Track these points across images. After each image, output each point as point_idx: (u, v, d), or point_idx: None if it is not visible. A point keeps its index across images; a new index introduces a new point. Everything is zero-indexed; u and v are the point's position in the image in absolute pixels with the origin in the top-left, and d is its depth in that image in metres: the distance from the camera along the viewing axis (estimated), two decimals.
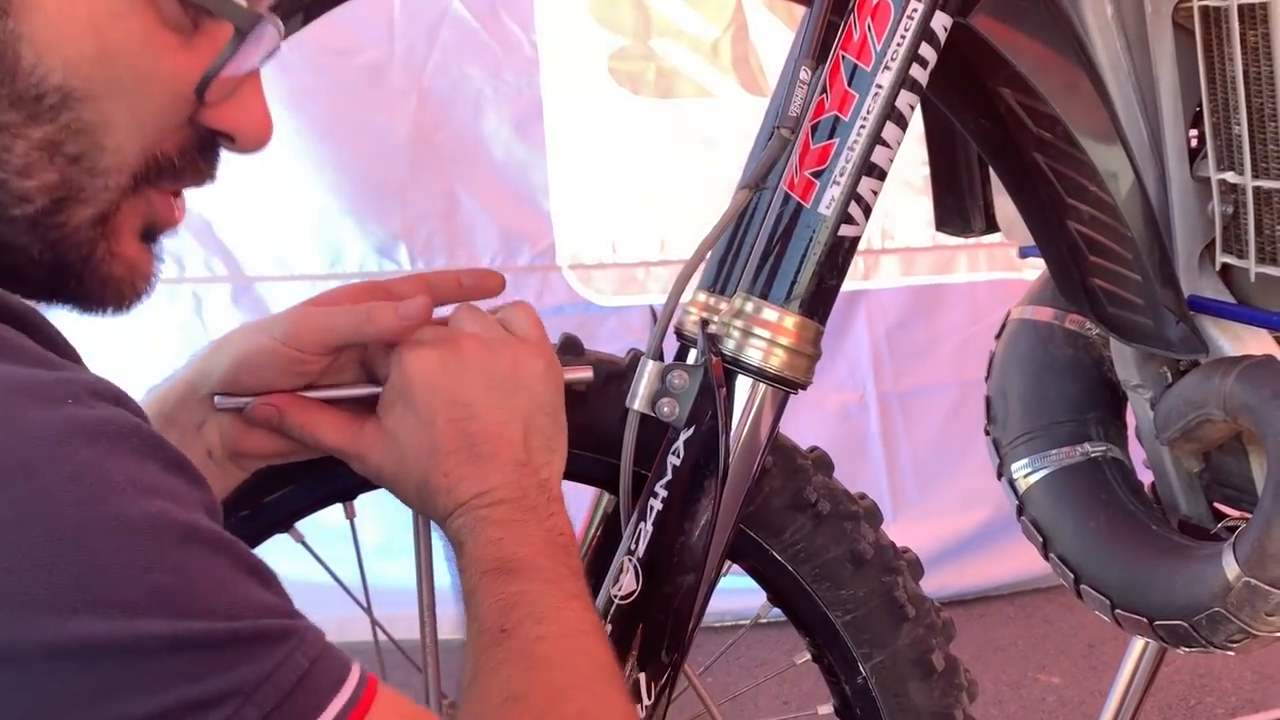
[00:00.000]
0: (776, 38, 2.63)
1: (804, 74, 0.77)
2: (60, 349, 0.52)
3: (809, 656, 1.00)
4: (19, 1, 0.51)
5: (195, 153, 0.60)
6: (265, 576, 0.51)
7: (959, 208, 1.21)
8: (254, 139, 0.61)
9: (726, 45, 2.66)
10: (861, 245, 2.91)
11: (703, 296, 0.96)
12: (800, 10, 0.99)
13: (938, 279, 2.80)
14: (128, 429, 0.48)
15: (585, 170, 2.63)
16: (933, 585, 1.05)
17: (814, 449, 0.98)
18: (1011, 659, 2.46)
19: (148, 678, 0.45)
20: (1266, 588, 0.94)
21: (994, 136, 1.01)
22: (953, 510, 2.69)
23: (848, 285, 2.87)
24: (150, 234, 0.60)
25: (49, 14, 0.52)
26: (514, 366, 0.74)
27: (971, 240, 2.73)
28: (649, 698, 0.79)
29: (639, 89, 2.63)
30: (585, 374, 0.84)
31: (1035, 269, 2.93)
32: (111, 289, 0.59)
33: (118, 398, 0.50)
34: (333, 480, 0.88)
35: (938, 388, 2.80)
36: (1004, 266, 2.81)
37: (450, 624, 0.91)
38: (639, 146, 2.64)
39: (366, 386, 0.77)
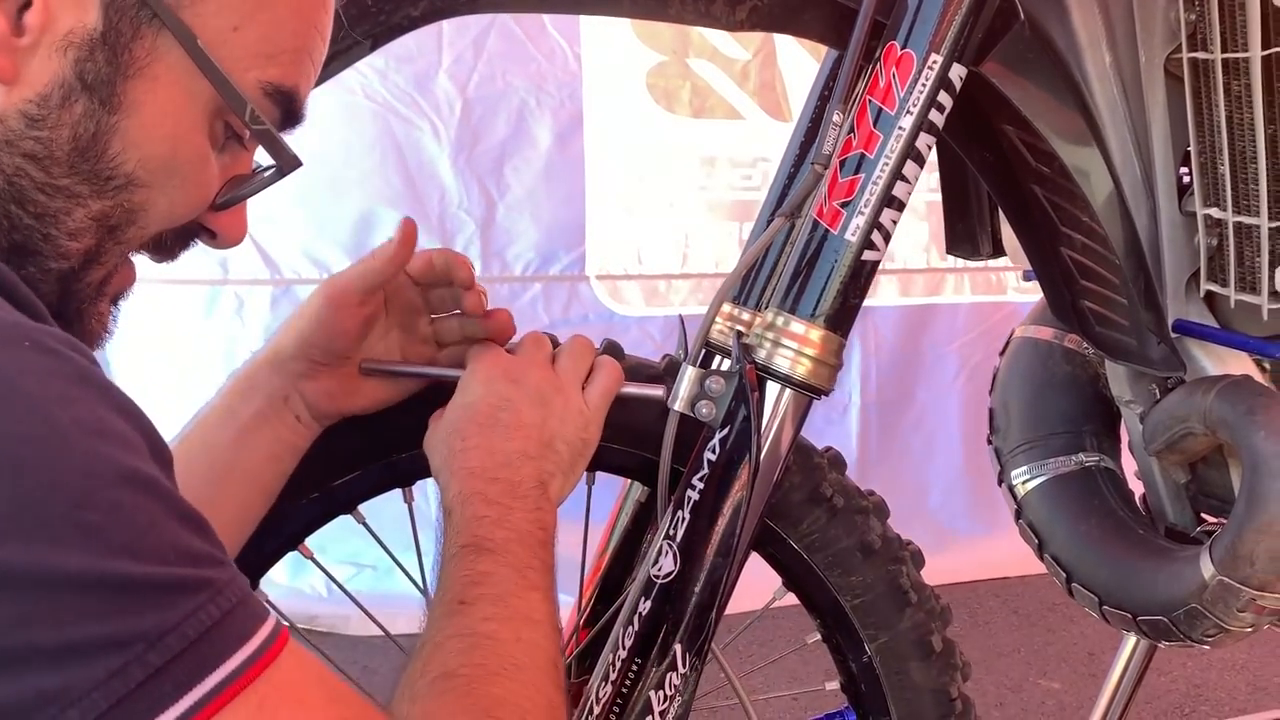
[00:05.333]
0: (801, 66, 2.68)
1: (836, 116, 0.87)
2: (27, 306, 0.56)
3: (819, 637, 1.09)
4: (128, 104, 0.62)
5: (179, 239, 0.70)
6: (197, 524, 0.52)
7: (968, 233, 1.30)
8: (231, 242, 0.72)
9: (755, 70, 2.71)
10: None
11: (729, 308, 1.04)
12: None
13: (929, 300, 2.94)
14: (80, 374, 0.51)
15: (619, 184, 2.67)
16: None
17: (829, 449, 1.06)
18: (1014, 664, 2.53)
19: (64, 611, 0.46)
20: (1238, 586, 1.01)
21: (997, 169, 1.09)
22: (917, 517, 2.80)
23: None
24: (116, 298, 0.69)
25: (145, 120, 0.62)
26: (561, 401, 0.84)
27: (960, 264, 2.91)
28: (684, 666, 0.87)
29: (674, 106, 2.67)
30: (657, 392, 0.92)
31: (1020, 293, 3.08)
32: (86, 340, 0.67)
33: (72, 345, 0.53)
34: (394, 467, 0.98)
35: (910, 401, 2.97)
36: (985, 290, 2.97)
37: None
38: (670, 163, 2.68)
39: (451, 370, 0.89)
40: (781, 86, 2.73)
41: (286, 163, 0.68)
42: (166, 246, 0.69)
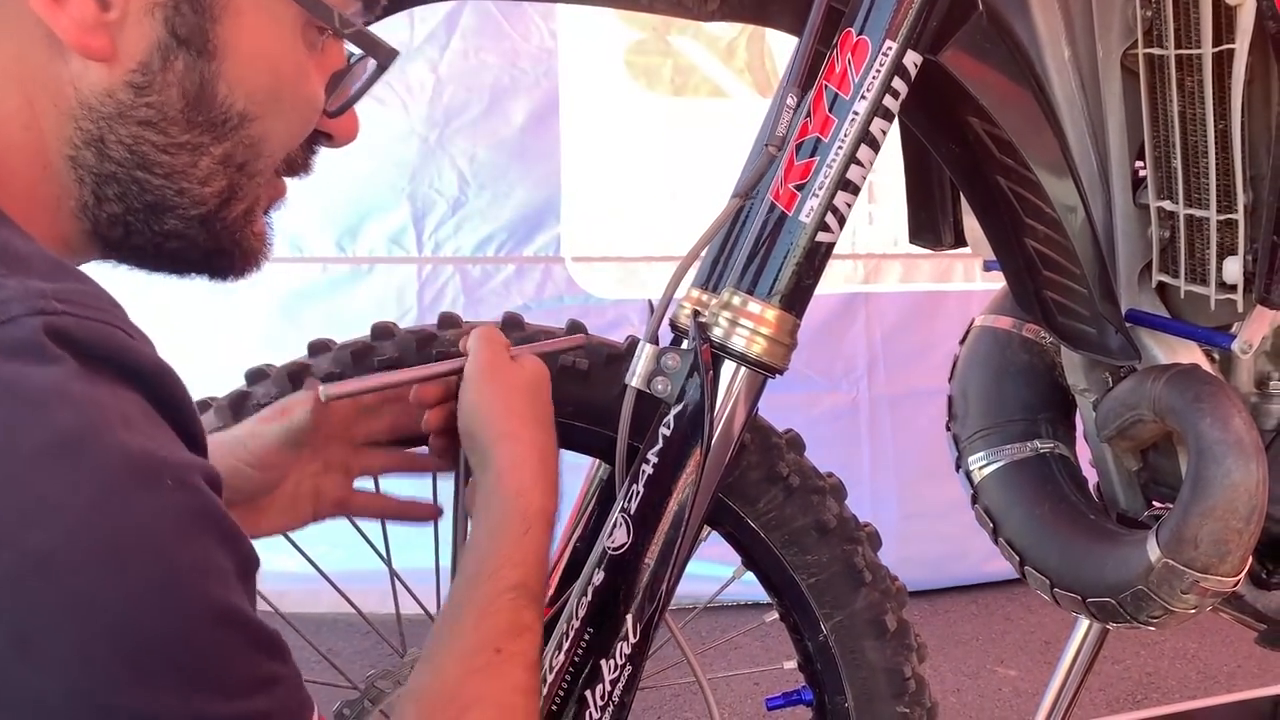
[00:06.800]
0: (792, 42, 2.62)
1: (790, 99, 0.88)
2: (184, 414, 0.58)
3: (777, 616, 1.11)
4: (222, 47, 0.62)
5: (305, 149, 0.72)
6: (269, 645, 0.57)
7: (931, 223, 1.31)
8: (349, 137, 0.74)
9: (742, 46, 2.61)
10: (865, 250, 2.95)
11: (695, 292, 1.05)
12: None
13: (935, 286, 2.83)
14: (204, 509, 0.54)
15: (596, 164, 2.59)
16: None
17: (788, 430, 1.08)
18: (971, 652, 2.55)
19: None
20: (1182, 568, 1.03)
21: (962, 160, 1.10)
22: (933, 512, 2.73)
23: (850, 288, 2.93)
24: (268, 209, 0.72)
25: (242, 54, 0.63)
26: None
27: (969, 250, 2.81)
28: (634, 636, 0.89)
29: (654, 85, 2.59)
30: (576, 341, 0.96)
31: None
32: (250, 261, 0.70)
33: (207, 475, 0.56)
34: None
35: (926, 393, 2.87)
36: (998, 277, 2.91)
37: None
38: (650, 143, 2.60)
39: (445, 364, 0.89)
40: (772, 64, 2.64)
41: (384, 56, 0.69)
42: (299, 162, 0.72)
